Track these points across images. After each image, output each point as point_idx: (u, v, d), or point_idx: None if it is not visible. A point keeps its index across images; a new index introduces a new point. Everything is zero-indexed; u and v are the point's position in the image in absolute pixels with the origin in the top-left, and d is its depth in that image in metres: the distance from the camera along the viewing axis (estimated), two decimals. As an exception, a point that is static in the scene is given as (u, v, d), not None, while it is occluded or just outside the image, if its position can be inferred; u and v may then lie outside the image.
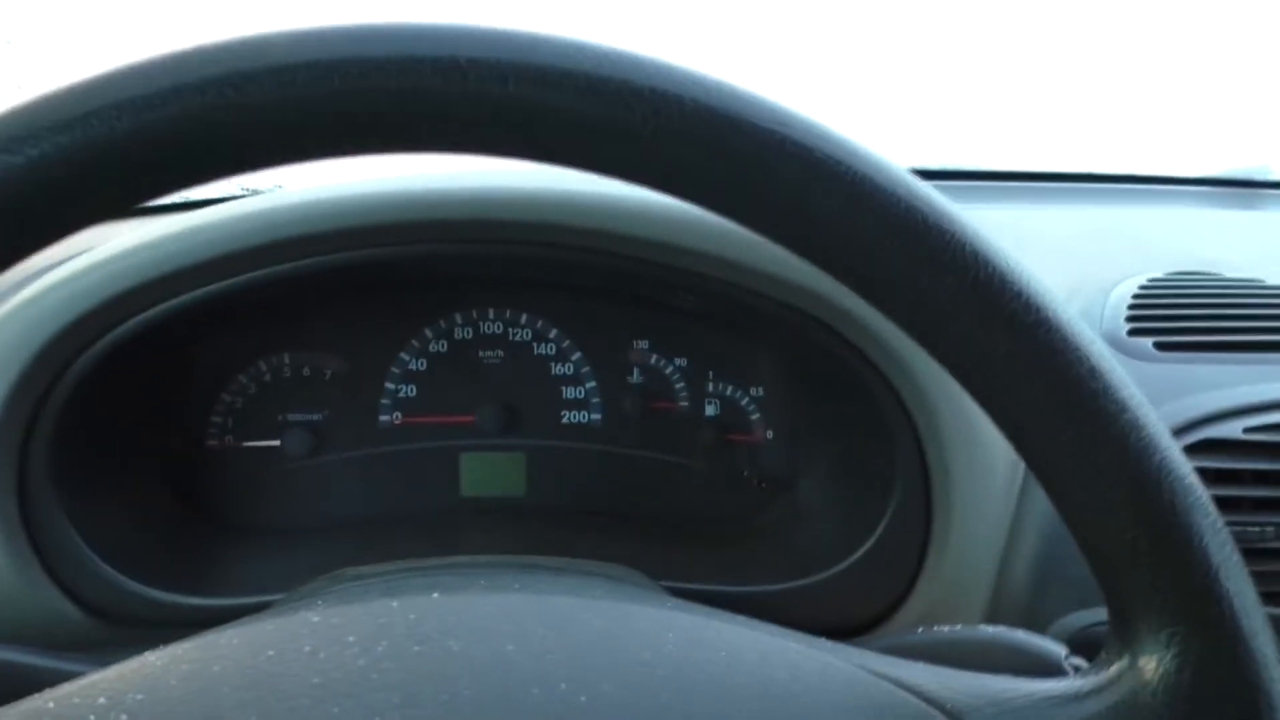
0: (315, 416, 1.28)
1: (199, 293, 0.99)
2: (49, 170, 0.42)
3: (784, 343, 1.23)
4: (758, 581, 1.11)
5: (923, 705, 0.59)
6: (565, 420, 1.31)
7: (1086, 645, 0.79)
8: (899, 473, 1.05)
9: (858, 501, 1.15)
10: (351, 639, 0.58)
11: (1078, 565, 0.99)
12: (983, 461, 1.01)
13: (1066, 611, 1.01)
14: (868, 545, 1.07)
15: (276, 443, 1.27)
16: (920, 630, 0.83)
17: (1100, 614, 1.03)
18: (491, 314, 1.30)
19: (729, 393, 1.32)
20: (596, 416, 1.31)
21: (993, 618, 1.04)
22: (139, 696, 0.54)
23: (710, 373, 1.32)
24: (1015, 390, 0.53)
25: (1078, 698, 0.58)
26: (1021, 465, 1.04)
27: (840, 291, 0.97)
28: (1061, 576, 1.02)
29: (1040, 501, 1.03)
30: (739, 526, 1.30)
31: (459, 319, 1.30)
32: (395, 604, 0.61)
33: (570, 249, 1.01)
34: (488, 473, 1.31)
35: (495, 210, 0.98)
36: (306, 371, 1.28)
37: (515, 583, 0.71)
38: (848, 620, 1.10)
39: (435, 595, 0.63)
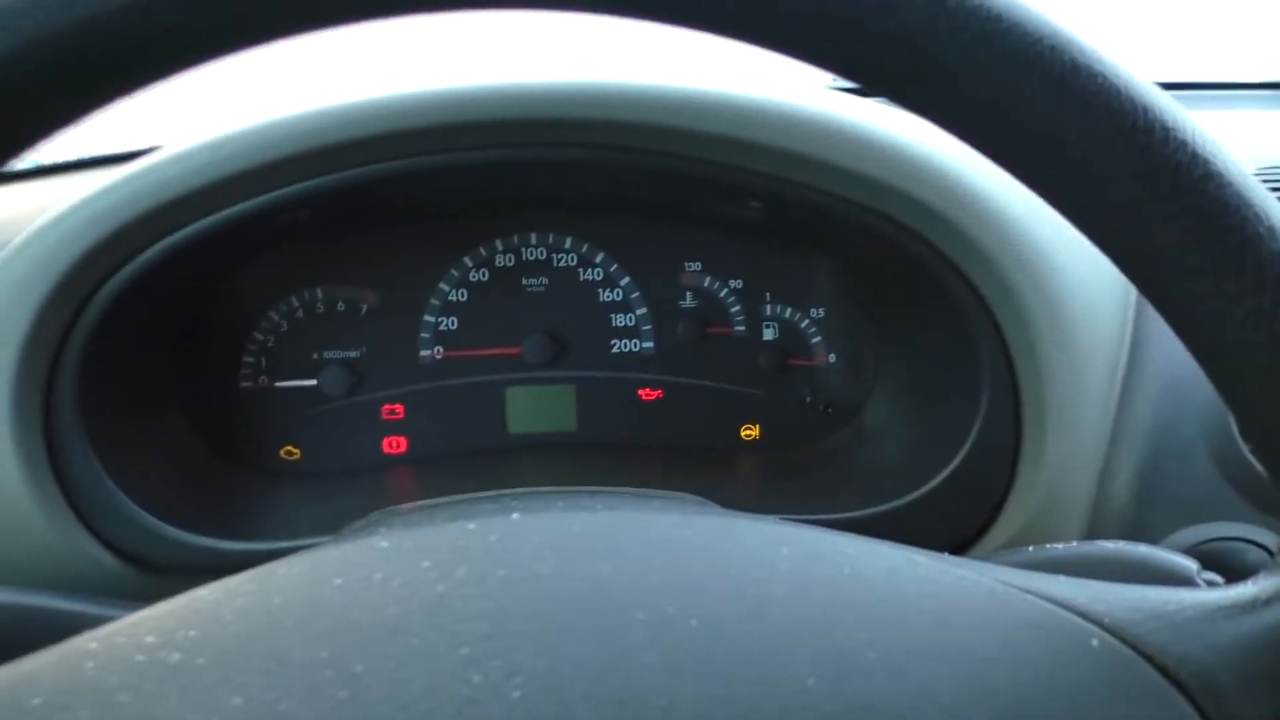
0: (352, 354, 1.21)
1: (229, 212, 0.91)
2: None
3: (849, 253, 1.15)
4: (829, 510, 1.03)
5: (1078, 620, 0.51)
6: (615, 350, 1.24)
7: (1205, 562, 0.71)
8: (985, 384, 0.97)
9: (935, 420, 1.08)
10: (427, 564, 0.51)
11: (1185, 478, 0.92)
12: (1078, 366, 0.93)
13: (1174, 528, 0.93)
14: (953, 465, 1.00)
15: (313, 382, 1.20)
16: (1031, 549, 0.75)
17: (1213, 529, 0.96)
18: (534, 239, 1.22)
19: (788, 315, 1.24)
20: (648, 345, 1.24)
21: (1092, 536, 0.96)
22: (192, 633, 0.47)
23: (767, 294, 1.24)
24: (1182, 254, 0.45)
25: (1255, 606, 0.50)
26: (1120, 369, 0.96)
27: (918, 184, 0.89)
28: (1167, 491, 0.94)
29: (1142, 408, 0.96)
30: (804, 454, 1.23)
31: (500, 245, 1.22)
32: (472, 526, 0.54)
33: (623, 151, 0.93)
34: (536, 408, 1.24)
35: (539, 107, 0.89)
36: (341, 306, 1.21)
37: (597, 503, 0.64)
38: (931, 545, 1.03)
39: (515, 516, 0.56)
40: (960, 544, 1.02)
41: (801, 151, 0.89)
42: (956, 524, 1.01)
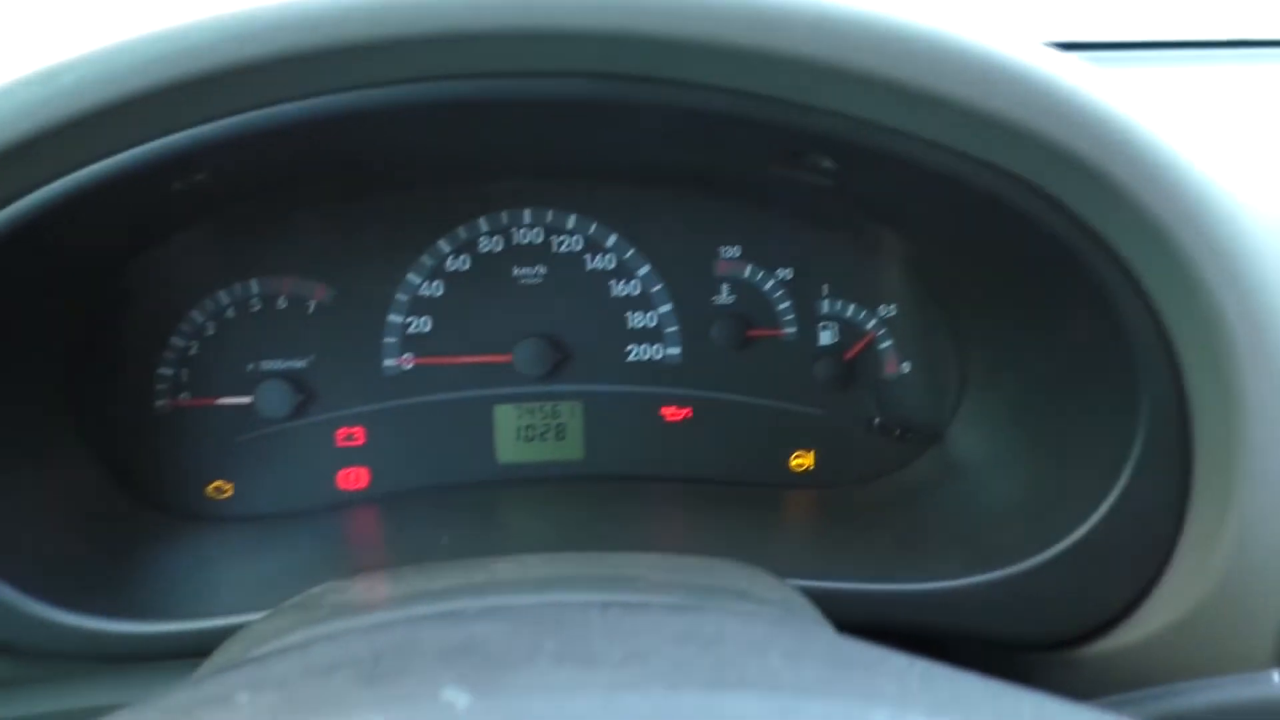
0: (298, 363, 0.96)
1: (87, 173, 0.64)
2: None
3: (937, 231, 0.88)
4: (919, 576, 0.77)
5: None
6: (632, 357, 0.98)
7: None
8: (1141, 413, 0.71)
9: (1058, 458, 0.82)
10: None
11: None
12: (1282, 392, 0.67)
13: None
14: (1090, 523, 0.74)
15: (248, 399, 0.95)
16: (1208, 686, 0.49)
17: None
18: (528, 217, 0.96)
19: (849, 314, 0.98)
20: (673, 351, 0.98)
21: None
22: None
23: (824, 287, 0.98)
24: None
25: None
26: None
27: (1072, 131, 0.62)
28: None
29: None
30: (873, 494, 0.96)
31: (485, 225, 0.96)
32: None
33: (644, 84, 0.65)
34: (531, 431, 0.98)
35: (528, 16, 0.62)
36: (284, 303, 0.95)
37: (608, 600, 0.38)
38: (1056, 625, 0.77)
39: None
40: (1096, 628, 0.75)
41: (902, 79, 0.61)
42: (1095, 599, 0.75)
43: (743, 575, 0.63)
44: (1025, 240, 0.72)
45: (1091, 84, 0.65)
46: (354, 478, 0.97)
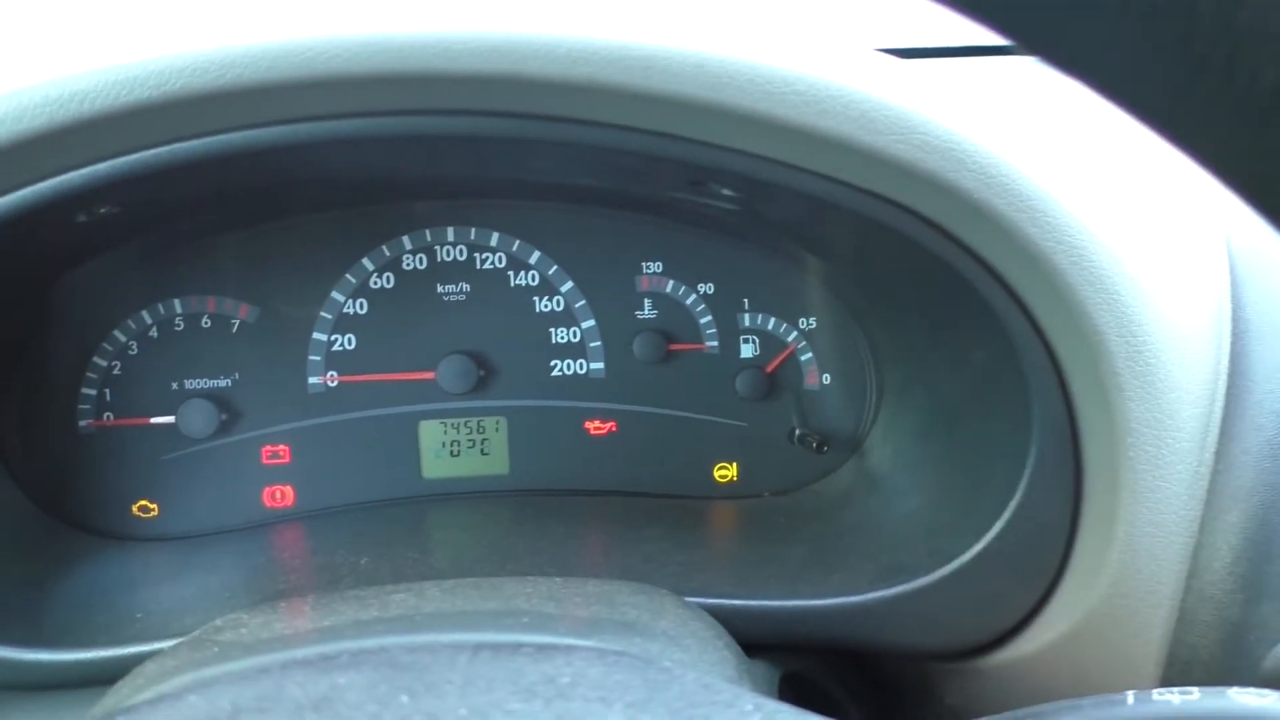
0: (222, 382, 0.96)
1: (12, 199, 0.64)
2: None
3: (853, 255, 0.90)
4: (832, 591, 0.79)
5: None
6: (556, 373, 0.99)
7: None
8: (1034, 431, 0.73)
9: (964, 471, 0.84)
10: None
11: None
12: (1164, 411, 0.69)
13: (1296, 627, 0.69)
14: (990, 535, 0.76)
15: (171, 419, 0.95)
16: (1131, 697, 0.51)
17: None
18: (452, 235, 0.97)
19: (770, 327, 1.00)
20: (597, 366, 0.99)
21: (1181, 636, 0.72)
22: None
23: (745, 301, 0.99)
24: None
25: None
26: (1216, 416, 0.71)
27: (956, 168, 0.64)
28: (1283, 576, 0.70)
29: (1246, 467, 0.71)
30: (795, 504, 0.98)
31: (408, 244, 0.97)
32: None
33: (556, 123, 0.66)
34: (456, 447, 0.99)
35: (447, 60, 0.62)
36: (207, 322, 0.96)
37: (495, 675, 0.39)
38: (958, 636, 0.79)
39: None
40: (995, 639, 0.77)
41: (793, 121, 0.63)
42: (994, 610, 0.77)
43: (640, 602, 0.64)
44: (921, 264, 0.74)
45: (969, 118, 0.66)
46: (279, 495, 0.98)
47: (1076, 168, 0.69)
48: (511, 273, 0.98)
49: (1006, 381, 0.75)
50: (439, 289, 0.98)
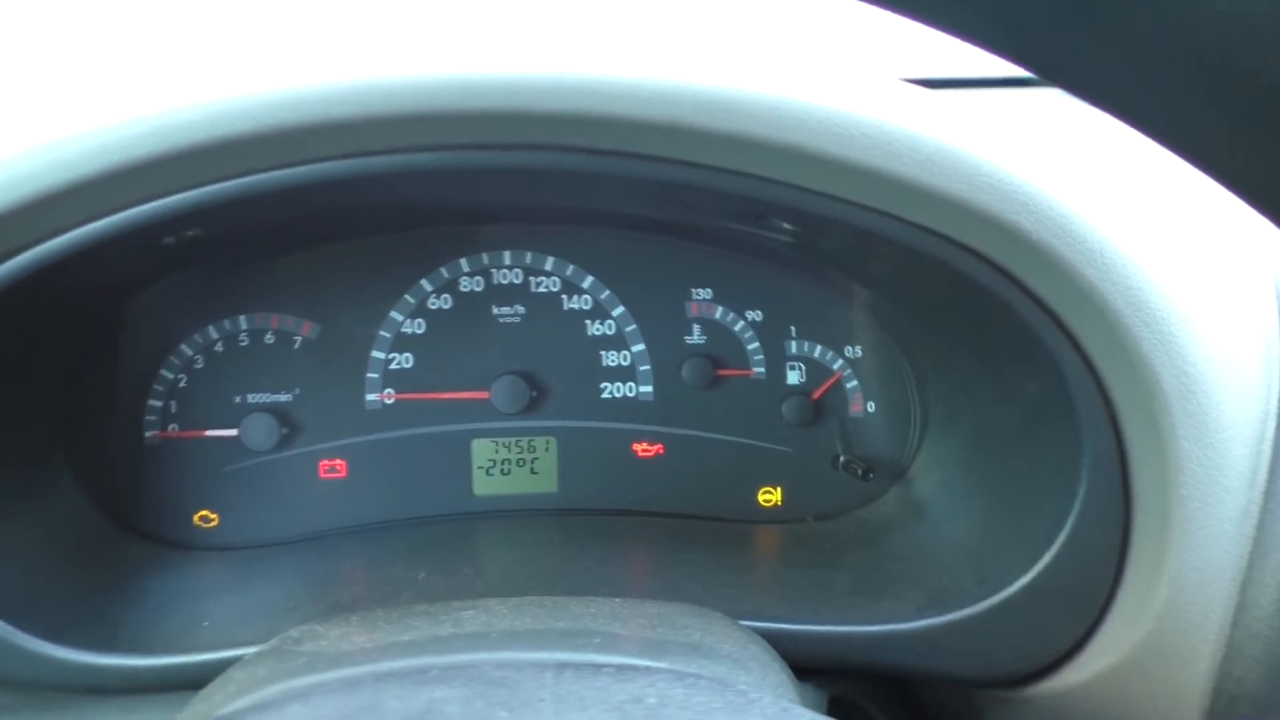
0: (283, 397, 0.99)
1: (109, 222, 0.67)
2: None
3: (904, 288, 0.92)
4: (878, 618, 0.80)
5: None
6: (606, 395, 1.01)
7: None
8: (1084, 466, 0.74)
9: (1011, 502, 0.85)
10: None
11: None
12: (1215, 451, 0.71)
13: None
14: (1038, 568, 0.77)
15: (234, 432, 0.98)
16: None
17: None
18: (508, 259, 1.00)
19: (817, 354, 1.02)
20: (646, 389, 1.01)
21: (1228, 671, 0.73)
22: None
23: (792, 329, 1.01)
24: None
25: None
26: (1266, 458, 0.73)
27: (1012, 207, 0.66)
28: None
29: (1296, 506, 0.72)
30: (838, 530, 1.00)
31: (466, 266, 1.00)
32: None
33: (615, 159, 0.69)
34: (507, 465, 1.01)
35: (522, 101, 0.65)
36: (271, 339, 0.98)
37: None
38: (1005, 666, 0.80)
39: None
40: (1041, 669, 0.79)
41: (855, 161, 0.65)
42: (1041, 641, 0.78)
43: (700, 624, 0.66)
44: (976, 300, 0.75)
45: (1026, 158, 0.68)
46: (335, 511, 1.00)
47: (1128, 206, 0.70)
48: (565, 296, 1.01)
49: (1057, 415, 0.76)
50: (494, 311, 1.00)
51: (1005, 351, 0.81)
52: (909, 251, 0.73)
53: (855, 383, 1.02)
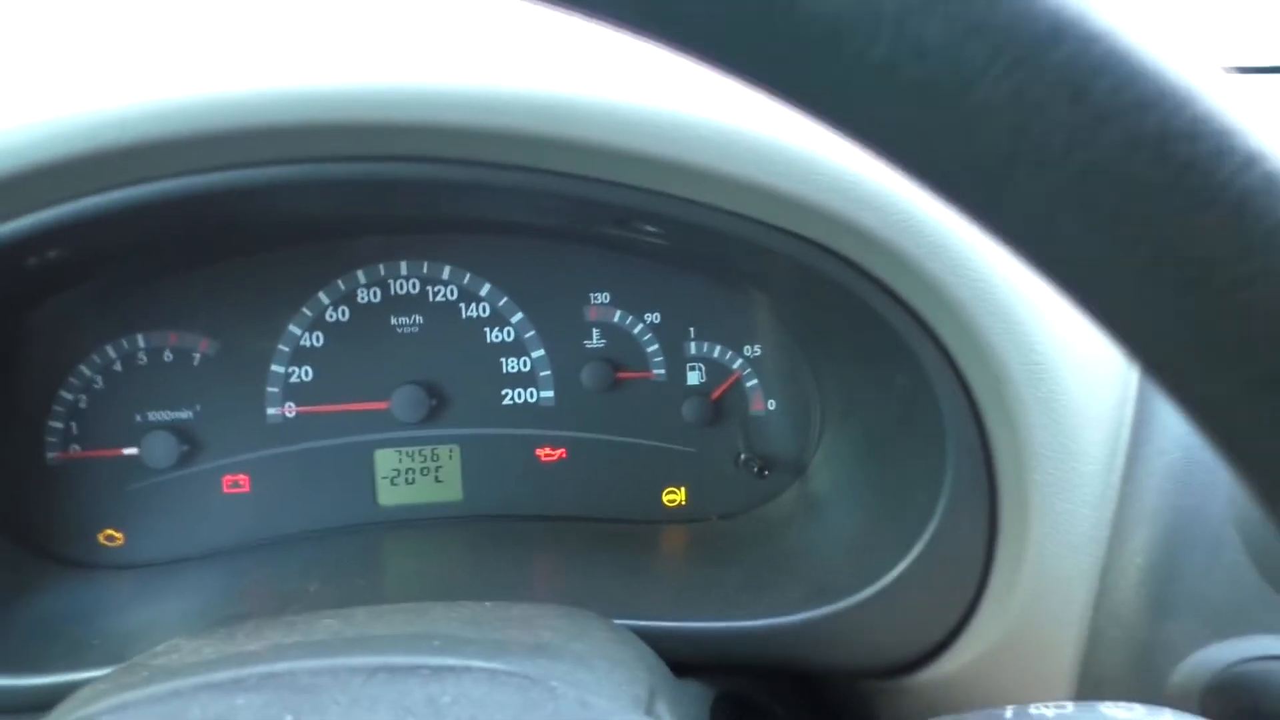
0: (184, 414, 0.99)
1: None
2: None
3: (786, 285, 0.93)
4: (766, 613, 0.81)
5: None
6: (507, 401, 1.02)
7: (1234, 689, 0.51)
8: (949, 457, 0.76)
9: (892, 495, 0.86)
10: None
11: (1211, 578, 0.70)
12: (1069, 436, 0.72)
13: (1199, 643, 0.71)
14: (910, 556, 0.78)
15: (135, 450, 0.98)
16: (1009, 712, 0.54)
17: (1252, 645, 0.75)
18: (405, 269, 1.00)
19: (716, 354, 1.02)
20: (547, 394, 1.02)
21: (1092, 653, 0.74)
22: None
23: (691, 330, 1.02)
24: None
25: None
26: (1124, 441, 0.74)
27: (859, 207, 0.67)
28: (1188, 596, 0.72)
29: (1153, 489, 0.74)
30: (739, 527, 1.01)
31: (362, 278, 1.00)
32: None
33: (485, 168, 0.70)
34: (410, 474, 1.02)
35: (408, 113, 0.66)
36: (169, 356, 0.99)
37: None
38: (885, 655, 0.81)
39: None
40: (920, 657, 0.80)
41: (709, 168, 0.66)
42: (918, 629, 0.79)
43: (560, 625, 0.67)
44: (844, 296, 0.77)
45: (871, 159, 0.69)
46: (237, 525, 1.01)
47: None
48: (463, 305, 1.01)
49: (926, 408, 0.77)
50: (393, 321, 1.01)
51: (876, 347, 0.82)
52: (768, 253, 0.74)
53: (755, 381, 1.03)
